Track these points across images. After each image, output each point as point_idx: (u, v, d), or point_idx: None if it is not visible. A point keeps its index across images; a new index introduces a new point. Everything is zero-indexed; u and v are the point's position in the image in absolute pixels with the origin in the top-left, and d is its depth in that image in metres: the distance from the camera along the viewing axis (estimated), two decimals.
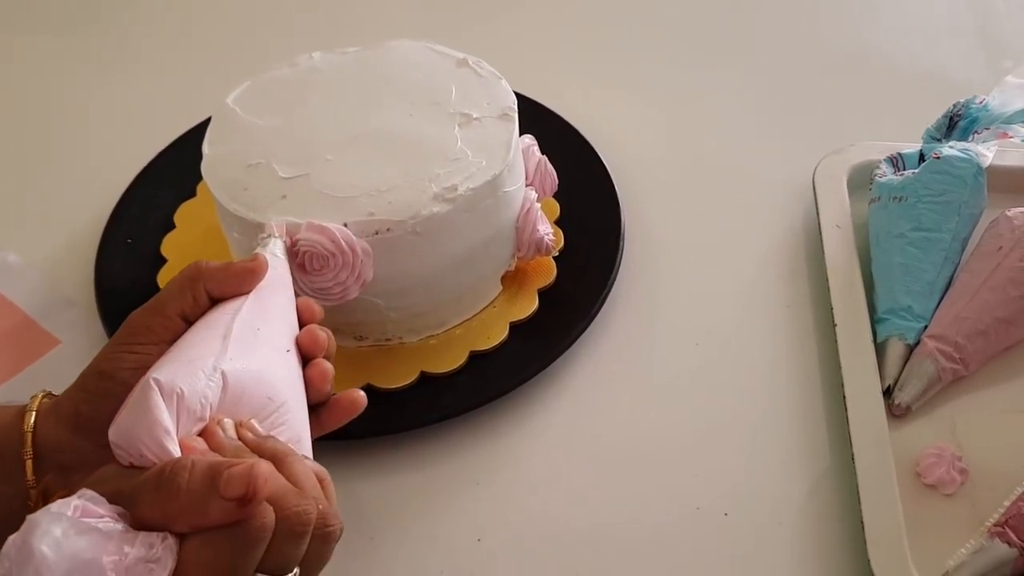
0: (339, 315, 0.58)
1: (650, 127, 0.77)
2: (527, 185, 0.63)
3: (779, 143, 0.75)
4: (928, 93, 0.77)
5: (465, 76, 0.64)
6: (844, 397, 0.56)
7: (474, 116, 0.61)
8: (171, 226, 0.69)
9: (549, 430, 0.59)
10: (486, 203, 0.58)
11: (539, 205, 0.63)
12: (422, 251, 0.57)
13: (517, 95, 0.63)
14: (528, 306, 0.63)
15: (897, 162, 0.67)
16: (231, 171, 0.59)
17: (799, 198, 0.71)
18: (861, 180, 0.69)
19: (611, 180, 0.70)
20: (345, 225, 0.55)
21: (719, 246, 0.68)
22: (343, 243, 0.54)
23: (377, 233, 0.55)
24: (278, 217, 0.55)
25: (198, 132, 0.72)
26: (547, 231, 0.63)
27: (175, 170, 0.72)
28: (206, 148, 0.60)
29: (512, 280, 0.64)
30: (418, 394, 0.59)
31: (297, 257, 0.55)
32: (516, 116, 0.61)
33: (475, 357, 0.60)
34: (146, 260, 0.67)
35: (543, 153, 0.65)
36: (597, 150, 0.72)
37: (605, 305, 0.63)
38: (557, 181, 0.66)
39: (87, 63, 0.86)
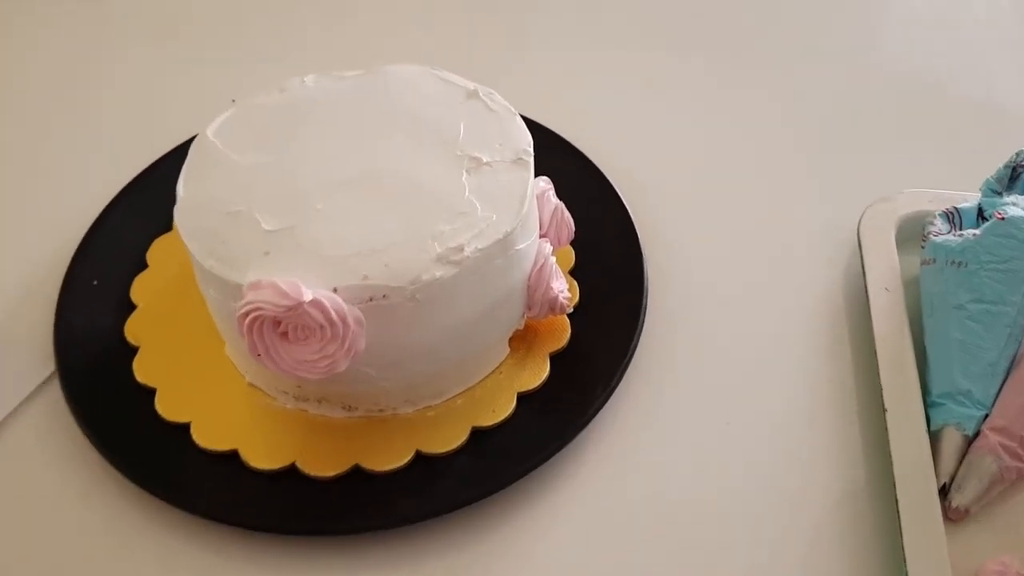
0: (325, 383, 0.51)
1: (675, 163, 0.70)
2: (541, 236, 0.56)
3: (819, 185, 0.68)
4: (985, 130, 0.70)
5: (475, 110, 0.56)
6: (896, 500, 0.50)
7: (484, 160, 0.54)
8: (143, 265, 0.62)
9: (561, 520, 0.52)
10: (495, 264, 0.51)
11: (554, 259, 0.56)
12: (422, 319, 0.50)
13: (526, 120, 0.56)
14: (538, 373, 0.56)
15: (953, 218, 0.60)
16: (208, 219, 0.52)
17: (841, 249, 0.64)
18: (911, 232, 0.62)
19: (632, 224, 0.63)
20: (335, 291, 0.48)
21: (752, 305, 0.61)
22: (332, 313, 0.47)
23: (371, 300, 0.48)
24: (259, 276, 0.48)
25: (176, 157, 0.65)
26: (562, 288, 0.56)
27: (150, 199, 0.65)
28: (181, 190, 0.53)
29: (521, 341, 0.57)
30: (413, 478, 0.52)
31: (279, 325, 0.48)
32: (532, 160, 0.54)
33: (478, 433, 0.54)
34: (114, 305, 0.60)
35: (554, 189, 0.58)
36: (616, 187, 0.65)
37: (626, 373, 0.56)
38: (574, 229, 0.59)
39: (51, 77, 0.78)
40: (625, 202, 0.64)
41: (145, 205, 0.64)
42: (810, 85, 0.76)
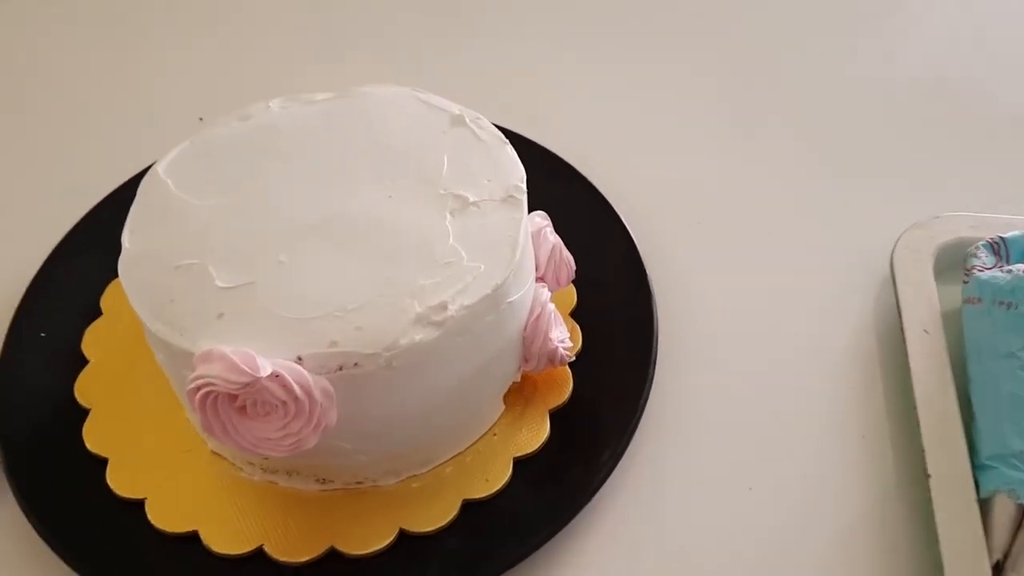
0: (296, 457, 0.45)
1: (686, 188, 0.63)
2: (537, 279, 0.50)
3: (846, 210, 0.61)
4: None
5: (461, 139, 0.50)
6: None
7: (471, 200, 0.47)
8: (96, 312, 0.56)
9: None
10: (485, 321, 0.45)
11: (552, 306, 0.50)
12: (400, 388, 0.44)
13: (515, 138, 0.50)
14: (537, 434, 0.50)
15: (999, 248, 0.54)
16: (155, 274, 0.45)
17: (872, 281, 0.57)
18: (949, 261, 0.56)
19: (639, 257, 0.57)
20: (299, 359, 0.42)
21: (774, 348, 0.55)
22: (295, 387, 0.41)
23: (341, 369, 0.42)
24: (210, 345, 0.42)
25: (133, 186, 0.59)
26: (563, 338, 0.50)
27: (105, 236, 0.57)
28: (126, 240, 0.47)
29: (517, 396, 0.51)
30: (396, 561, 0.46)
31: (235, 400, 0.42)
32: (525, 198, 0.48)
33: (470, 506, 0.48)
34: (64, 360, 0.54)
35: (548, 218, 0.51)
36: (621, 215, 0.58)
37: (636, 432, 0.50)
38: (575, 267, 0.52)
39: None
40: (631, 232, 0.57)
41: (100, 243, 0.58)
42: (833, 98, 0.69)
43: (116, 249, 0.56)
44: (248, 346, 0.42)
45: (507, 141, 0.50)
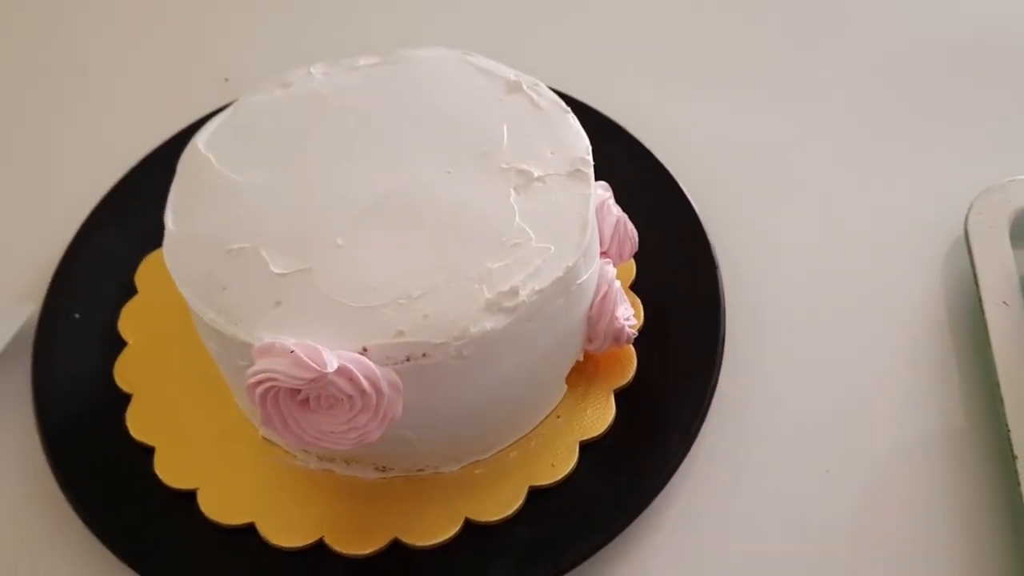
0: (354, 449, 0.43)
1: (747, 154, 0.60)
2: (601, 255, 0.47)
3: (915, 175, 0.58)
4: None
5: (519, 108, 0.47)
6: None
7: (535, 175, 0.44)
8: (131, 291, 0.53)
9: None
10: (555, 304, 0.42)
11: (618, 283, 0.47)
12: (469, 378, 0.42)
13: (568, 99, 0.48)
14: (602, 415, 0.48)
15: None
16: (205, 260, 0.43)
17: (941, 249, 0.55)
18: None
19: (700, 225, 0.54)
20: (364, 350, 0.39)
21: (844, 322, 0.52)
22: (363, 381, 0.39)
23: (408, 359, 0.40)
24: (269, 336, 0.39)
25: (164, 155, 0.56)
26: (628, 316, 0.48)
27: (136, 209, 0.55)
28: (169, 222, 0.44)
29: (580, 376, 0.49)
30: (462, 553, 0.44)
31: (298, 394, 0.40)
32: (592, 171, 0.45)
33: (536, 494, 0.46)
34: (100, 342, 0.51)
35: (610, 189, 0.48)
36: (680, 183, 0.55)
37: (709, 412, 0.48)
38: (638, 241, 0.50)
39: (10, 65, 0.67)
40: (691, 200, 0.54)
41: (129, 217, 0.55)
42: (900, 58, 0.65)
43: (145, 223, 0.54)
44: (310, 337, 0.39)
45: (568, 109, 0.47)
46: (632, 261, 0.52)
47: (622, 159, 0.56)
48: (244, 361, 0.41)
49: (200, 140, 0.47)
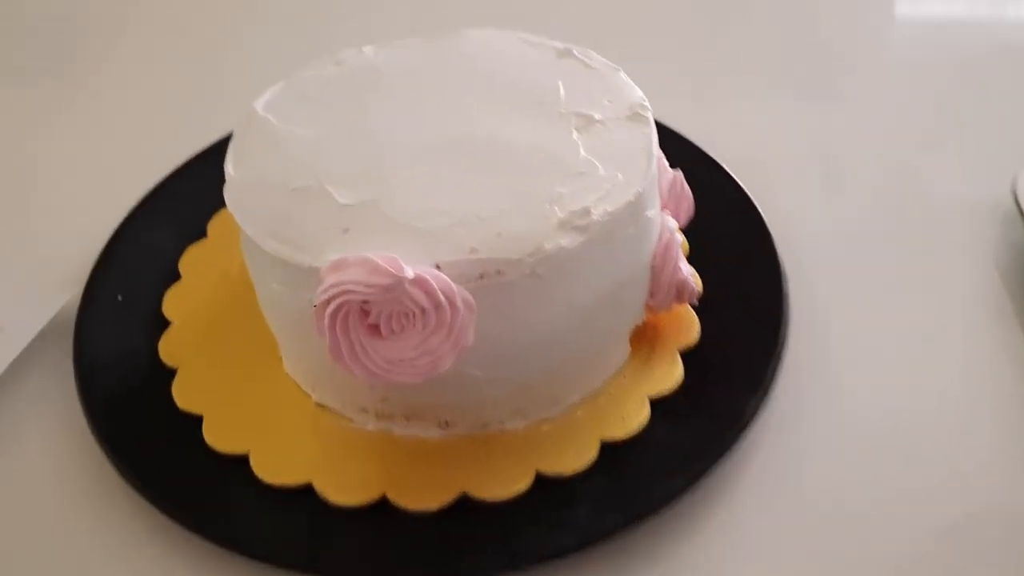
0: (418, 394, 0.42)
1: (784, 129, 0.61)
2: (662, 209, 0.47)
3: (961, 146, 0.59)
4: None
5: (572, 68, 0.48)
6: None
7: (596, 117, 0.44)
8: (175, 276, 0.52)
9: (726, 546, 0.42)
10: (627, 232, 0.42)
11: (681, 236, 0.47)
12: (542, 300, 0.40)
13: None
14: (671, 373, 0.46)
15: None
16: (268, 197, 0.42)
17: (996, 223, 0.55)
18: None
19: (752, 203, 0.54)
20: (438, 268, 0.38)
21: (903, 292, 0.52)
22: (439, 294, 0.37)
23: (482, 277, 0.39)
24: (341, 255, 0.38)
25: (212, 153, 0.56)
26: (690, 270, 0.47)
27: (179, 205, 0.55)
28: (230, 168, 0.44)
29: (642, 339, 0.48)
30: (536, 508, 0.42)
31: (367, 317, 0.38)
32: (651, 115, 0.45)
33: (608, 449, 0.44)
34: (143, 323, 0.50)
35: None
36: (727, 167, 0.55)
37: (780, 370, 0.46)
38: (694, 205, 0.49)
39: (66, 75, 0.69)
40: (737, 179, 0.55)
41: (173, 210, 0.55)
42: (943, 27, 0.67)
43: (193, 216, 0.54)
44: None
45: (619, 68, 0.48)
46: (682, 236, 0.52)
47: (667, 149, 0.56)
48: (309, 293, 0.39)
49: (257, 104, 0.47)
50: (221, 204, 0.43)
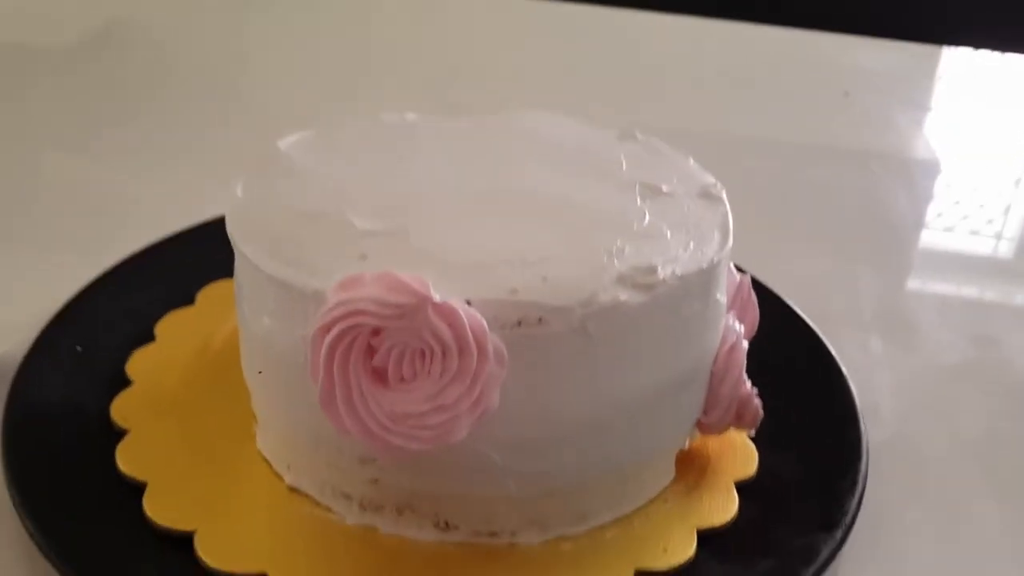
0: (418, 478, 0.33)
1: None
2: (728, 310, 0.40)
3: None
4: None
5: (634, 148, 0.42)
6: None
7: (663, 189, 0.39)
8: (149, 338, 0.45)
9: None
10: (692, 308, 0.35)
11: (746, 344, 0.40)
12: (587, 368, 0.33)
13: None
14: (725, 505, 0.38)
15: None
16: (275, 219, 0.36)
17: None
18: None
19: (807, 324, 0.47)
20: (469, 303, 0.31)
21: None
22: (468, 331, 0.30)
23: (520, 325, 0.31)
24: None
25: (211, 228, 0.50)
26: (754, 390, 0.40)
27: (170, 269, 0.48)
28: (238, 191, 0.38)
29: (688, 465, 0.39)
30: None
31: (374, 356, 0.31)
32: (725, 197, 0.39)
33: None
34: (101, 379, 0.42)
35: None
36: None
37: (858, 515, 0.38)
38: (758, 316, 0.42)
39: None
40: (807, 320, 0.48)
41: (161, 272, 0.48)
42: None
43: (179, 284, 0.48)
44: None
45: (689, 155, 0.43)
46: None
47: None
48: (307, 329, 0.32)
49: (282, 143, 0.42)
50: (219, 275, 0.37)
